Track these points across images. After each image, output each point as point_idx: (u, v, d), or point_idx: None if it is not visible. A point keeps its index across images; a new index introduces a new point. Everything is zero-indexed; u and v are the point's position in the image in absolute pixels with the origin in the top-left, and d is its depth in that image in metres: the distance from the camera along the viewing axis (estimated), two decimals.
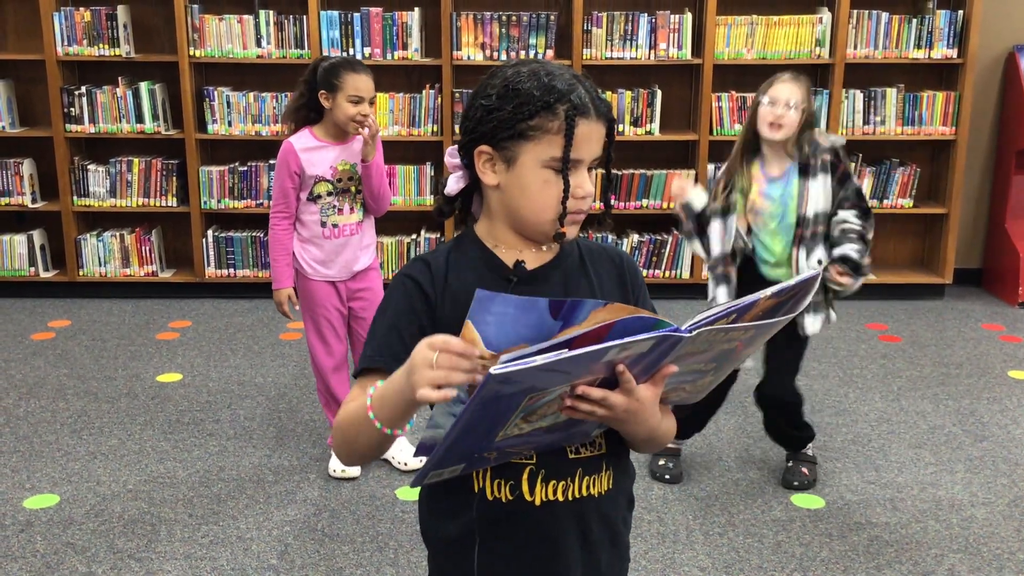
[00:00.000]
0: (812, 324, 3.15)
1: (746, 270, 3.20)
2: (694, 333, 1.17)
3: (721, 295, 3.19)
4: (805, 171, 3.08)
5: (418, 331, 1.40)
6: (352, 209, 3.29)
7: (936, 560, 2.92)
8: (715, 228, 3.16)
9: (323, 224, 3.27)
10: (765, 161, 3.13)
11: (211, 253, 5.37)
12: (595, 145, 1.41)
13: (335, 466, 3.38)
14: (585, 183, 1.41)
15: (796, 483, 3.33)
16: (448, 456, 1.24)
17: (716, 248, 3.17)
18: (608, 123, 1.42)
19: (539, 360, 1.10)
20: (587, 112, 1.38)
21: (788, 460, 3.40)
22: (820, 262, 3.10)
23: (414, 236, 5.44)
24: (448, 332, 1.40)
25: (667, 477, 3.37)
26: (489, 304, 1.16)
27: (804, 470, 3.36)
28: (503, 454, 1.33)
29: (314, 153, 3.23)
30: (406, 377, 1.23)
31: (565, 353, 1.11)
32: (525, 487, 1.42)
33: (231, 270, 5.40)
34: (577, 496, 1.44)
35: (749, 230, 3.16)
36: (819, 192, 3.08)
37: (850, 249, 3.06)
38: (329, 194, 3.24)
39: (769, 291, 1.22)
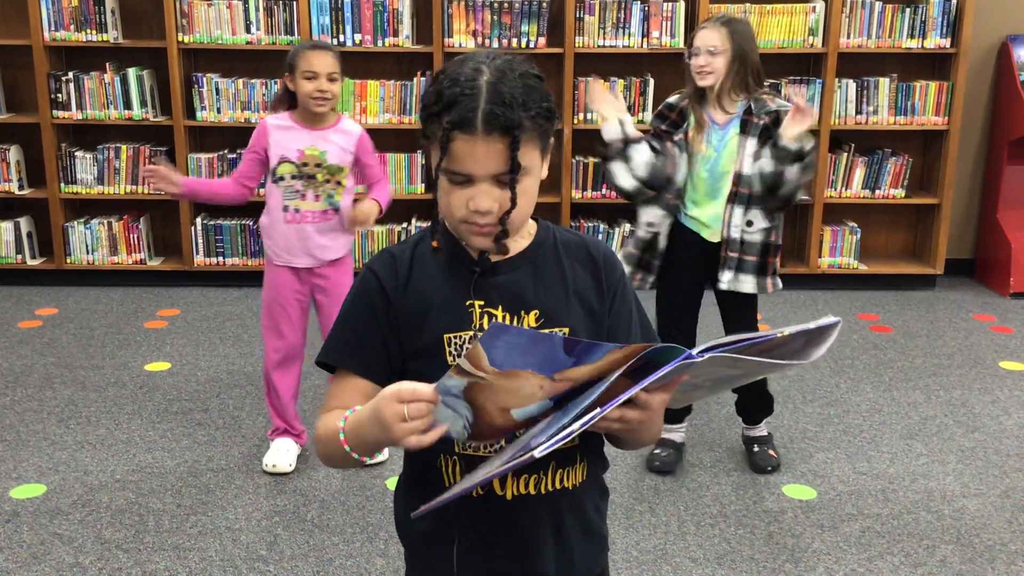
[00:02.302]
0: (742, 283, 3.17)
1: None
2: (707, 357, 1.17)
3: (657, 218, 3.20)
4: (745, 127, 3.10)
5: (378, 334, 1.41)
6: (317, 197, 3.26)
7: (928, 551, 2.92)
8: (677, 156, 3.17)
9: (284, 208, 3.25)
10: (711, 107, 3.16)
11: (200, 241, 5.33)
12: (484, 162, 1.30)
13: (269, 460, 3.33)
14: (478, 197, 1.32)
15: (769, 467, 3.37)
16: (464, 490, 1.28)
17: (679, 176, 3.17)
18: (511, 140, 1.29)
19: (576, 427, 1.12)
20: (469, 128, 1.28)
21: (753, 445, 3.43)
22: (751, 223, 3.11)
23: (405, 225, 5.41)
24: (410, 328, 1.41)
25: (656, 464, 3.36)
26: (502, 333, 1.15)
27: (771, 452, 3.41)
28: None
29: (284, 132, 3.23)
30: (379, 429, 1.25)
31: (599, 412, 1.14)
32: (496, 481, 1.41)
33: (220, 258, 5.36)
34: (550, 489, 1.43)
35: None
36: (752, 152, 3.09)
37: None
38: (293, 177, 3.22)
39: (787, 330, 1.20)
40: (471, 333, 1.39)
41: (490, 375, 1.17)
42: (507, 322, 1.40)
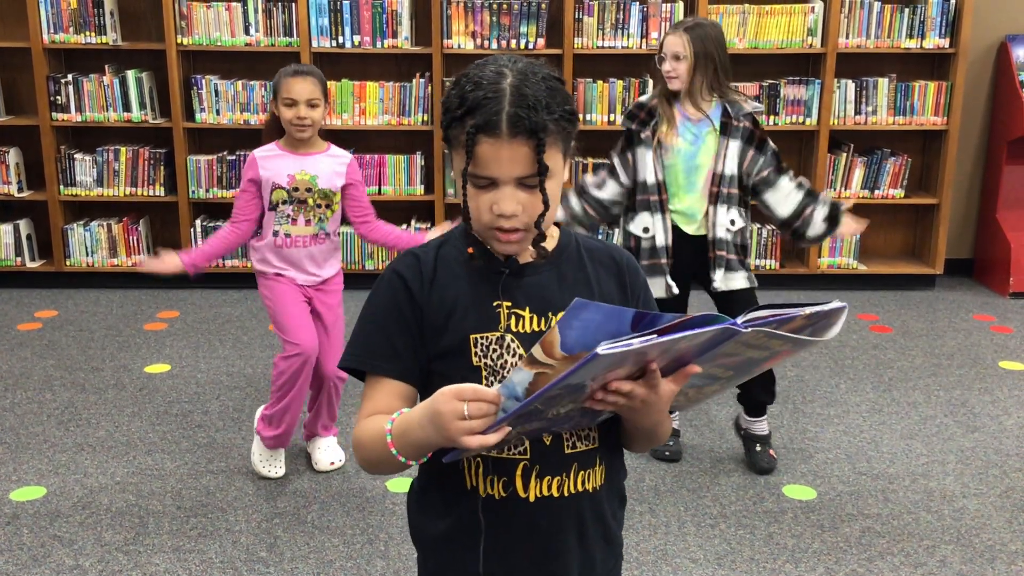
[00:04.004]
0: (735, 280, 3.27)
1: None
2: (750, 330, 1.18)
3: (649, 221, 3.26)
4: (726, 129, 3.20)
5: (408, 335, 1.40)
6: (308, 222, 3.24)
7: (928, 551, 2.92)
8: (647, 157, 3.24)
9: (275, 233, 3.24)
10: (682, 105, 3.24)
11: (199, 243, 5.33)
12: (509, 165, 1.31)
13: (260, 468, 3.32)
14: (502, 201, 1.33)
15: (768, 468, 3.38)
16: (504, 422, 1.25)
17: (649, 176, 3.24)
18: (536, 142, 1.30)
19: (636, 343, 1.13)
20: (494, 131, 1.29)
21: (755, 445, 3.43)
22: (733, 222, 3.23)
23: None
24: (435, 328, 1.41)
25: (667, 454, 3.46)
26: (581, 311, 1.15)
27: (771, 452, 3.43)
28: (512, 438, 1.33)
29: (273, 160, 3.22)
30: (433, 427, 1.24)
31: (656, 339, 1.15)
32: (519, 483, 1.40)
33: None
34: (572, 492, 1.43)
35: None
36: (735, 154, 3.21)
37: (824, 206, 3.26)
38: (284, 203, 3.22)
39: (808, 309, 1.22)
40: (498, 334, 1.40)
41: (559, 362, 1.16)
42: (535, 324, 1.41)
